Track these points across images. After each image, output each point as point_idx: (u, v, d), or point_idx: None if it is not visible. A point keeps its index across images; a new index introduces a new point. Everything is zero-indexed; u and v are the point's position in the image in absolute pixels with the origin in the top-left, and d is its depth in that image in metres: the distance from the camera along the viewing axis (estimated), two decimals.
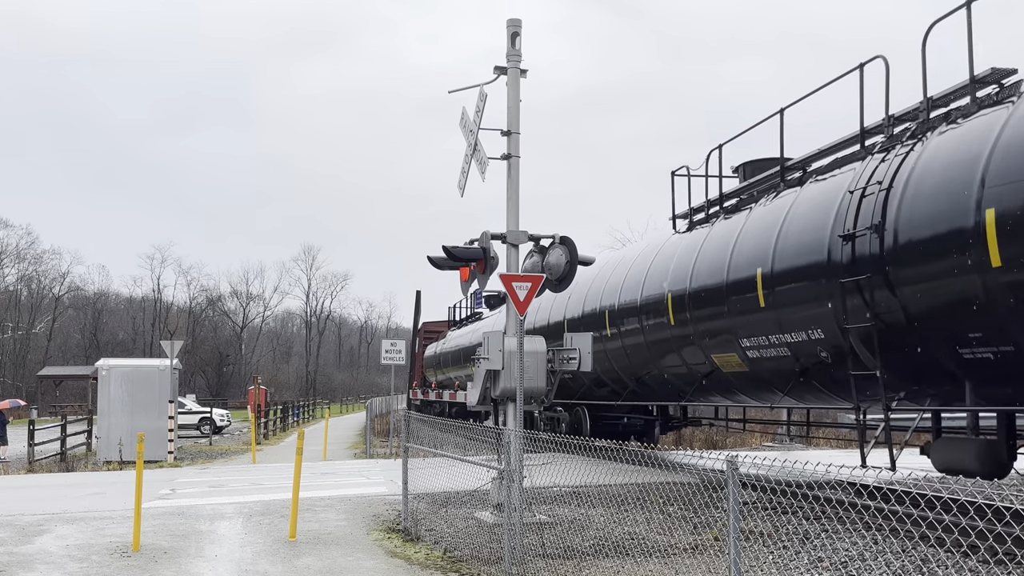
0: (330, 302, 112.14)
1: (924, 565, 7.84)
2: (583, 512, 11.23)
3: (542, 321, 21.33)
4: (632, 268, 17.57)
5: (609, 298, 18.11)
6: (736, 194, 14.96)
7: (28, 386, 70.02)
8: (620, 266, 18.58)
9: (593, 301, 19.04)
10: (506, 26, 11.78)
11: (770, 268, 12.07)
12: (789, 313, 11.75)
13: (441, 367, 38.91)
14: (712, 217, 15.27)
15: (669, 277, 15.40)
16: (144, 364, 26.51)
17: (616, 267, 18.80)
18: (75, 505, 12.81)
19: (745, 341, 12.92)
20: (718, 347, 13.86)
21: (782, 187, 13.19)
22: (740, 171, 15.67)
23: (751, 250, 12.75)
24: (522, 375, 10.45)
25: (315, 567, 8.62)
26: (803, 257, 11.43)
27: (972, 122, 9.58)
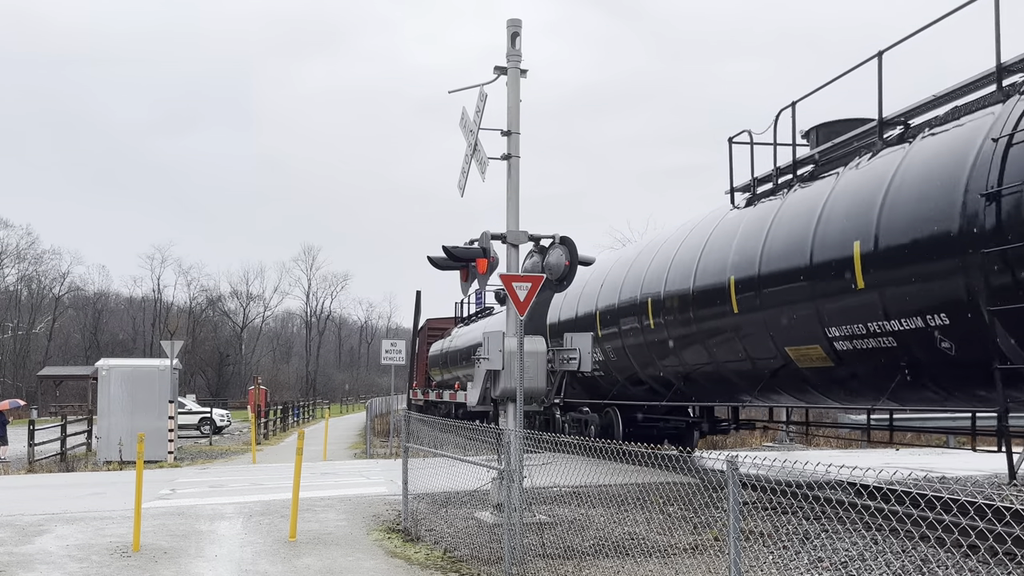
0: (330, 302, 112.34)
1: (924, 565, 7.84)
2: (583, 512, 11.23)
3: (568, 315, 19.91)
4: (680, 251, 15.51)
5: (652, 285, 16.14)
6: (809, 161, 13.22)
7: (28, 386, 70.02)
8: (664, 248, 16.59)
9: (631, 289, 17.14)
10: (506, 26, 11.78)
11: (872, 242, 10.17)
12: (898, 295, 9.82)
13: (448, 366, 37.06)
14: (782, 188, 13.34)
15: (731, 258, 13.38)
16: (144, 364, 26.52)
17: (658, 250, 16.84)
18: (75, 505, 12.81)
19: (833, 330, 11.03)
20: (795, 338, 11.88)
21: (879, 146, 11.20)
22: (811, 136, 13.80)
23: (843, 222, 10.84)
24: (522, 375, 10.45)
25: (315, 567, 8.62)
26: (921, 225, 9.45)
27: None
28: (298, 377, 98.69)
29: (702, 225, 15.44)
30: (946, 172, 9.34)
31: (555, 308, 20.50)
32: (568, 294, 19.93)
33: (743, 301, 12.98)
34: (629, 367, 17.76)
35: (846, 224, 10.78)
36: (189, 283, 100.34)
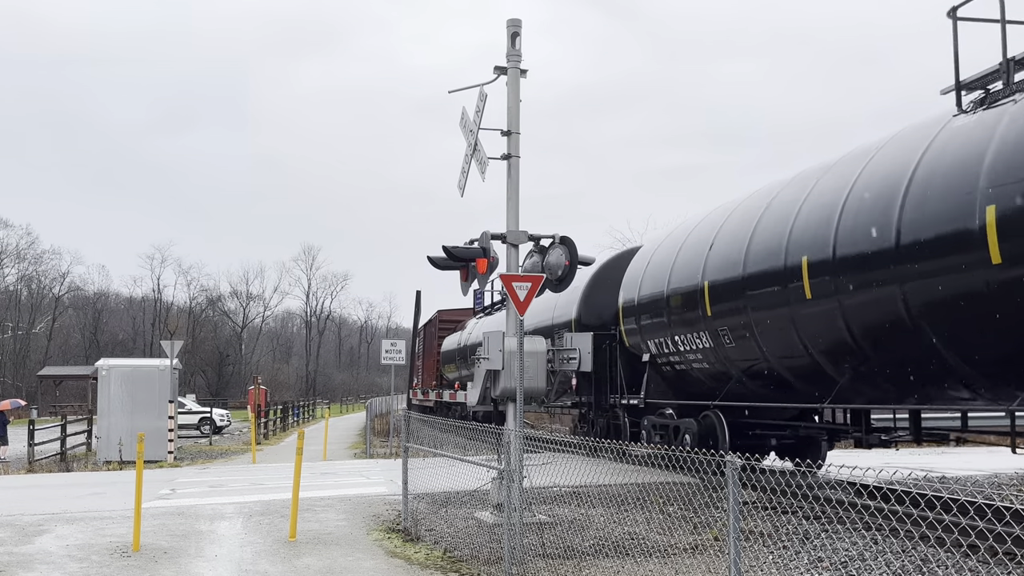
0: (330, 302, 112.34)
1: (924, 565, 7.84)
2: (583, 512, 11.23)
3: (653, 289, 16.35)
4: (867, 175, 10.95)
5: (808, 235, 11.61)
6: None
7: (28, 386, 70.03)
8: (828, 179, 11.89)
9: (767, 244, 12.53)
10: (506, 26, 11.78)
11: None
12: None
13: (467, 361, 32.19)
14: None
15: (983, 181, 8.83)
16: (144, 364, 26.52)
17: (815, 183, 12.14)
18: (75, 505, 12.81)
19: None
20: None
21: None
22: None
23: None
24: (522, 375, 10.45)
25: (315, 567, 8.62)
26: None
27: None
28: (298, 377, 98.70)
29: (906, 138, 10.84)
30: None
31: (631, 281, 17.81)
32: (653, 260, 16.88)
33: (1014, 247, 8.50)
34: (756, 355, 13.24)
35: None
36: (189, 283, 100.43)
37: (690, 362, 15.43)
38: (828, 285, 11.13)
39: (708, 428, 14.88)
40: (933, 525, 7.43)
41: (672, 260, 15.97)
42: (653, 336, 16.46)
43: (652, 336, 16.52)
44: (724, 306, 13.77)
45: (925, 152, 9.99)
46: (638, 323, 17.12)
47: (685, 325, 15.15)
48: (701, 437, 14.74)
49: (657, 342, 16.37)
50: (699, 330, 14.64)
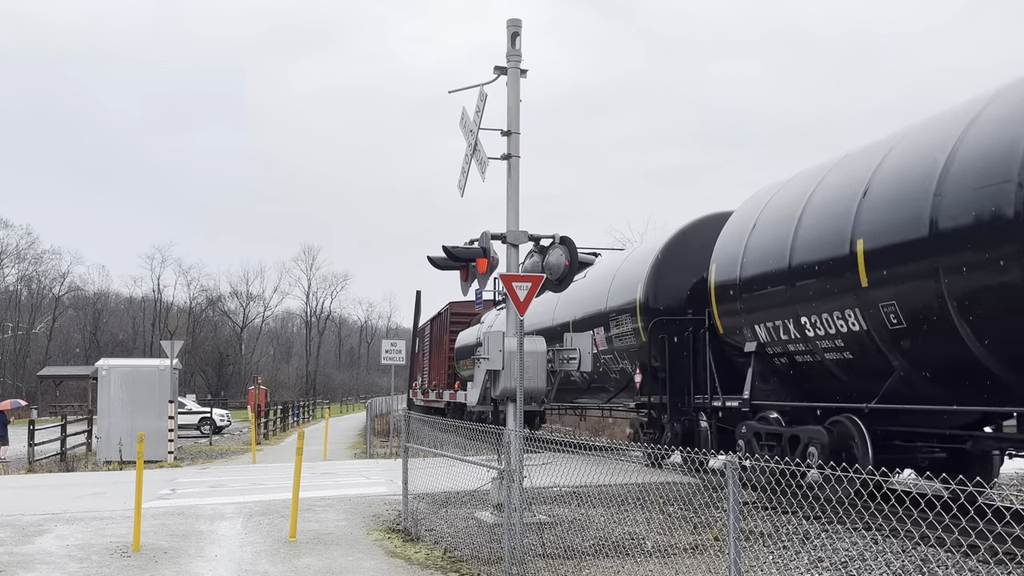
0: (330, 302, 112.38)
1: (924, 565, 7.84)
2: (583, 512, 11.23)
3: (814, 243, 11.72)
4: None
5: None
6: None
7: (28, 386, 70.02)
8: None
9: (966, 187, 9.18)
10: (506, 26, 11.78)
11: None
12: None
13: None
14: None
15: None
16: (144, 364, 26.52)
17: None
18: (75, 505, 12.81)
19: None
20: None
21: None
22: None
23: None
24: (522, 375, 10.45)
25: (315, 567, 8.62)
26: None
27: None
28: (298, 377, 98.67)
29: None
30: None
31: (728, 250, 14.17)
32: (763, 221, 13.29)
33: None
34: (950, 342, 9.60)
35: None
36: (189, 283, 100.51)
37: (821, 351, 11.78)
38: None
39: (842, 438, 11.39)
40: (933, 525, 7.43)
41: (796, 216, 12.23)
42: (764, 318, 12.88)
43: (763, 319, 12.93)
44: (894, 272, 10.18)
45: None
46: (740, 303, 13.47)
47: (820, 301, 11.46)
48: (833, 450, 11.33)
49: (770, 327, 12.76)
50: (843, 307, 10.99)
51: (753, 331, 13.34)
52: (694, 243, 16.25)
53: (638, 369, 17.09)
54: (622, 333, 17.58)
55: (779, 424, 12.95)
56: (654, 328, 16.15)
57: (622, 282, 17.80)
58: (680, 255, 16.48)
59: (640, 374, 16.87)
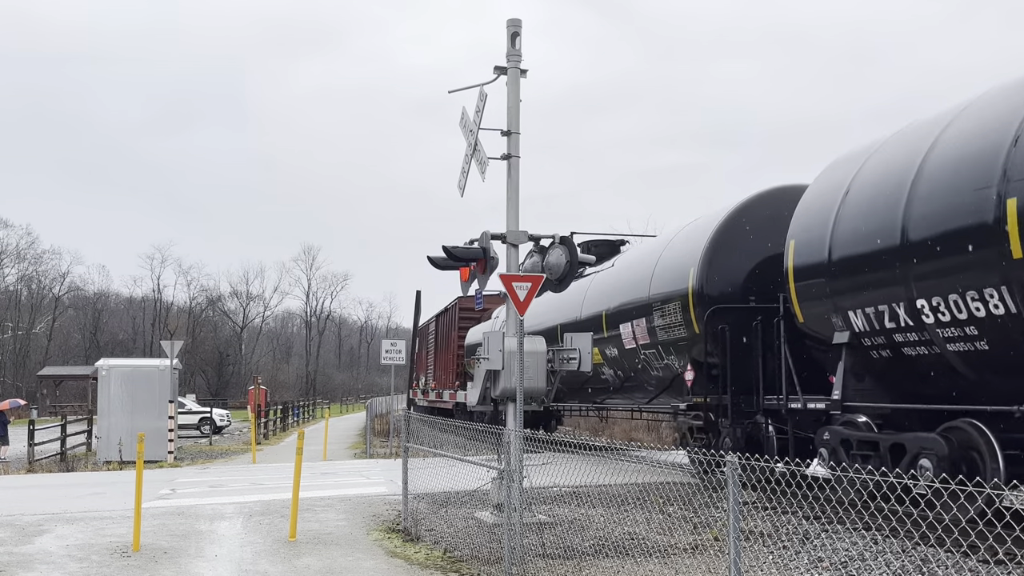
0: (330, 302, 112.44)
1: (924, 565, 7.84)
2: (583, 512, 11.23)
3: (940, 206, 9.65)
4: None
5: None
6: None
7: (28, 386, 70.02)
8: None
9: None
10: (506, 26, 11.78)
11: None
12: None
13: None
14: None
15: None
16: (144, 364, 26.51)
17: None
18: (75, 505, 12.81)
19: None
20: None
21: None
22: None
23: None
24: (522, 375, 10.45)
25: (315, 567, 8.62)
26: None
27: None
28: (298, 377, 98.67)
29: None
30: None
31: (811, 224, 12.13)
32: (857, 185, 11.33)
33: None
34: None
35: None
36: (189, 283, 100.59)
37: (943, 342, 9.81)
38: None
39: (963, 448, 9.54)
40: (933, 525, 7.43)
41: (909, 178, 10.19)
42: (862, 303, 10.90)
43: (860, 303, 10.94)
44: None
45: None
46: (830, 285, 11.52)
47: (946, 279, 9.54)
48: (952, 463, 9.37)
49: (870, 313, 10.76)
50: (982, 286, 9.03)
51: (845, 319, 11.29)
52: (752, 222, 14.51)
53: (689, 365, 14.96)
54: (669, 325, 15.53)
55: (869, 429, 10.98)
56: (711, 318, 14.08)
57: (669, 267, 15.76)
58: (737, 235, 14.50)
59: (692, 371, 14.85)
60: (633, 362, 17.28)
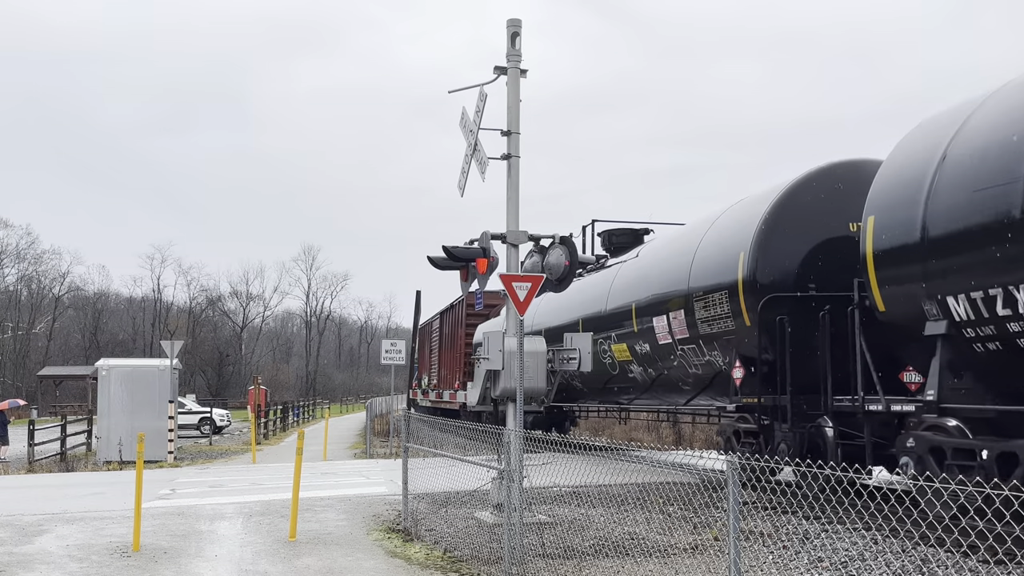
0: (330, 302, 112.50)
1: (924, 565, 7.84)
2: (583, 512, 11.23)
3: None
4: None
5: None
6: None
7: (28, 386, 70.01)
8: None
9: None
10: (506, 26, 11.78)
11: None
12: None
13: None
14: None
15: None
16: (144, 364, 26.50)
17: None
18: (75, 505, 12.81)
19: None
20: None
21: None
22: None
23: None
24: (522, 375, 10.45)
25: (315, 567, 8.62)
26: None
27: None
28: (298, 377, 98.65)
29: None
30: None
31: (896, 199, 10.63)
32: (958, 145, 9.82)
33: None
34: None
35: None
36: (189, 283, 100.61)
37: None
38: None
39: None
40: (933, 525, 7.43)
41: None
42: (967, 287, 9.42)
43: (964, 287, 9.47)
44: None
45: None
46: (923, 267, 10.02)
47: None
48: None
49: (977, 298, 9.31)
50: None
51: (942, 306, 9.85)
52: (811, 200, 13.06)
53: (737, 362, 13.40)
54: (713, 317, 14.04)
55: (962, 435, 9.54)
56: (765, 309, 12.64)
57: (713, 253, 14.25)
58: (794, 216, 13.01)
59: (740, 368, 13.33)
60: (667, 359, 15.91)
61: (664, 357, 16.05)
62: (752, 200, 14.32)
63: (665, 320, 15.62)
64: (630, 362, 17.43)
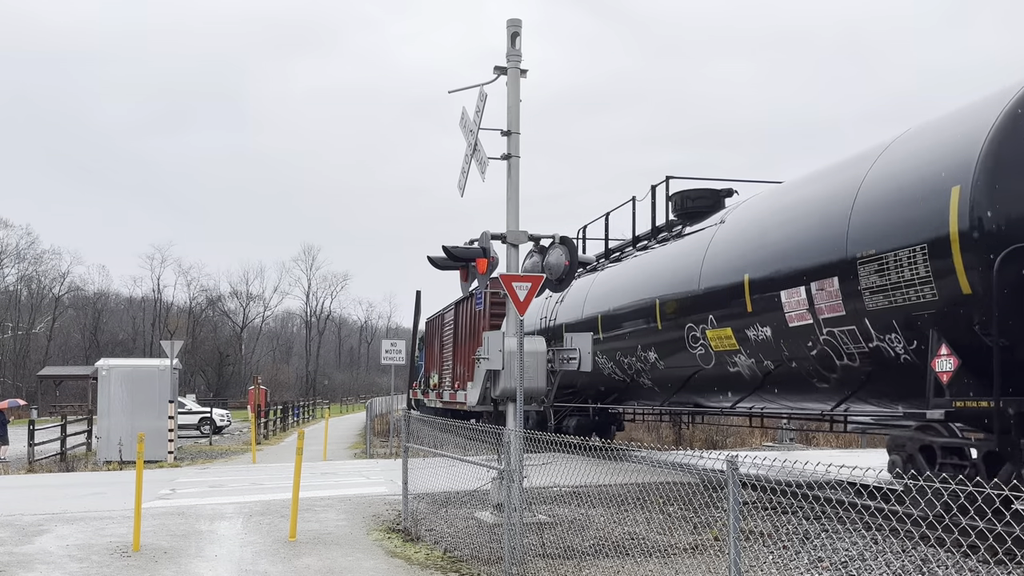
0: (330, 302, 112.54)
1: (924, 565, 7.84)
2: (583, 512, 11.23)
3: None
4: None
5: None
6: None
7: (28, 386, 70.00)
8: None
9: None
10: (506, 26, 11.79)
11: None
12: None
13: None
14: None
15: None
16: (144, 364, 26.51)
17: None
18: (75, 505, 12.80)
19: None
20: None
21: None
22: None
23: None
24: (522, 375, 10.45)
25: (315, 567, 8.62)
26: None
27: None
28: (298, 377, 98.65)
29: None
30: None
31: None
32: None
33: None
34: None
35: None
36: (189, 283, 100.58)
37: None
38: None
39: None
40: (933, 525, 7.43)
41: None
42: None
43: None
44: None
45: None
46: None
47: None
48: None
49: None
50: None
51: None
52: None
53: (943, 348, 9.32)
54: (896, 284, 9.98)
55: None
56: (1005, 267, 8.66)
57: (891, 193, 10.25)
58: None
59: (950, 356, 9.24)
60: (801, 347, 11.86)
61: (795, 344, 12.02)
62: (958, 114, 10.06)
63: (802, 294, 11.50)
64: (734, 352, 13.45)
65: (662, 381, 16.48)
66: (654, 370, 16.11)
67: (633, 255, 18.18)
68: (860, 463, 14.48)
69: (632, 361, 17.00)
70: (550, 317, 21.45)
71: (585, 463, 8.42)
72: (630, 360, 17.07)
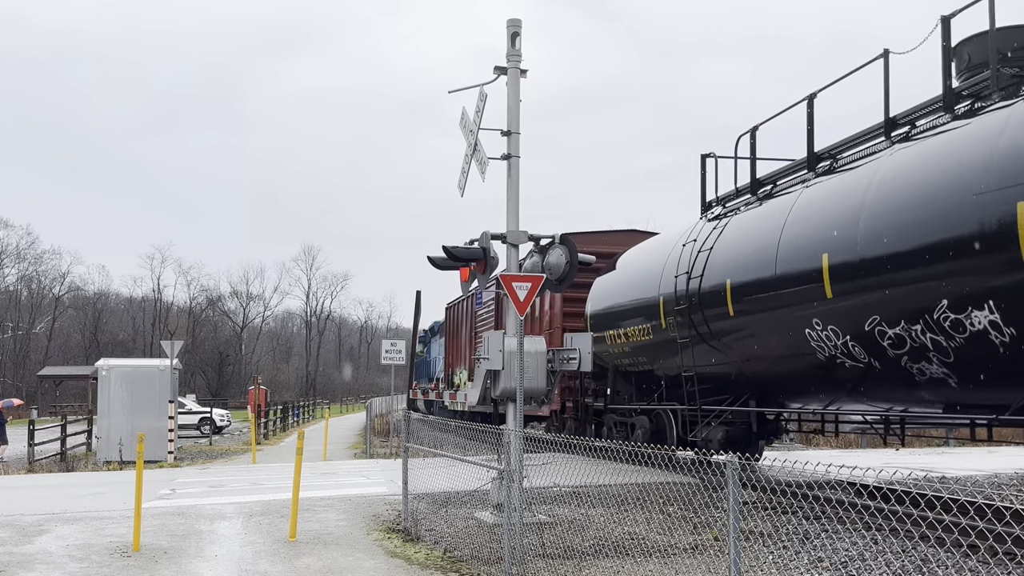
0: (330, 302, 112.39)
1: (924, 565, 7.84)
2: (583, 512, 11.23)
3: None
4: None
5: None
6: None
7: (28, 386, 70.01)
8: None
9: None
10: (506, 26, 11.78)
11: None
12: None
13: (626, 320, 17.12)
14: None
15: None
16: (144, 364, 26.51)
17: None
18: (75, 505, 12.80)
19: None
20: None
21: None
22: None
23: None
24: (522, 375, 10.44)
25: (315, 567, 8.62)
26: None
27: None
28: (298, 377, 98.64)
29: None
30: None
31: None
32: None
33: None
34: None
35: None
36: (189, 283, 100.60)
37: None
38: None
39: None
40: (933, 525, 7.44)
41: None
42: None
43: None
44: None
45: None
46: None
47: None
48: None
49: None
50: None
51: None
52: None
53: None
54: None
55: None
56: None
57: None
58: None
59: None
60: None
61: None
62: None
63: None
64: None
65: (831, 379, 11.19)
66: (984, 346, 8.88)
67: (891, 152, 10.84)
68: (860, 463, 14.49)
69: (904, 333, 9.83)
70: (691, 272, 14.46)
71: (585, 463, 8.43)
72: (898, 332, 9.92)
